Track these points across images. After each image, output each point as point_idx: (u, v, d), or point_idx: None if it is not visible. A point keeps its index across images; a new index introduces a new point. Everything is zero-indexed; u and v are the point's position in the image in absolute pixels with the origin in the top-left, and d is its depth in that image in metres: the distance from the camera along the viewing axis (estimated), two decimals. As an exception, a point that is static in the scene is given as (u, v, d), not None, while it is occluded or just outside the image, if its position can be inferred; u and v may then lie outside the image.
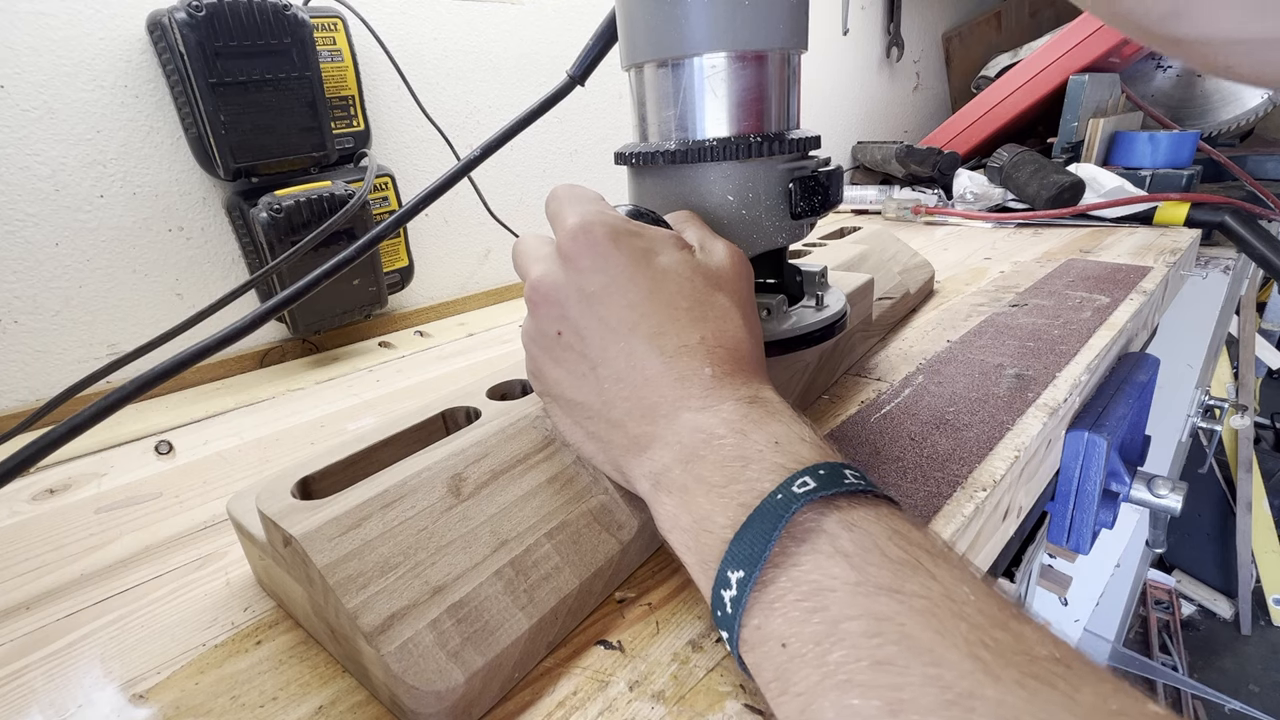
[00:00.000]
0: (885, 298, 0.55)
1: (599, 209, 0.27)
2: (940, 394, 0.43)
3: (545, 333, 0.27)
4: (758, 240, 0.34)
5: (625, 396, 0.25)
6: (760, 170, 0.33)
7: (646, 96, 0.34)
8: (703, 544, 0.22)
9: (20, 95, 0.46)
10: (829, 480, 0.20)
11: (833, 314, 0.37)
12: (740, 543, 0.20)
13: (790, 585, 0.19)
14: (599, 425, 0.27)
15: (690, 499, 0.23)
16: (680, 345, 0.25)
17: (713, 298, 0.27)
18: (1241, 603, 1.76)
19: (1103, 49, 0.99)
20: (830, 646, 0.17)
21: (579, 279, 0.26)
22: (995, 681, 0.15)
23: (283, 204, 0.52)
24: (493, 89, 0.73)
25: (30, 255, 0.48)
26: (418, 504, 0.25)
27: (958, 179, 1.01)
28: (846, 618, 0.17)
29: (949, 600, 0.17)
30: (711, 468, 0.22)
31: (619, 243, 0.26)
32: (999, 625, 0.17)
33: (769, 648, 0.19)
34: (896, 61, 1.37)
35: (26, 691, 0.26)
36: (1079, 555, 0.54)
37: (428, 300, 0.73)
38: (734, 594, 0.19)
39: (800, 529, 0.20)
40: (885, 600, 0.17)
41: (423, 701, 0.22)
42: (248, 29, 0.49)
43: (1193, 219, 0.83)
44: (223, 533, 0.35)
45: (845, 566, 0.18)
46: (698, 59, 0.31)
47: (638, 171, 0.36)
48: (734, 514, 0.21)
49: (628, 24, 0.33)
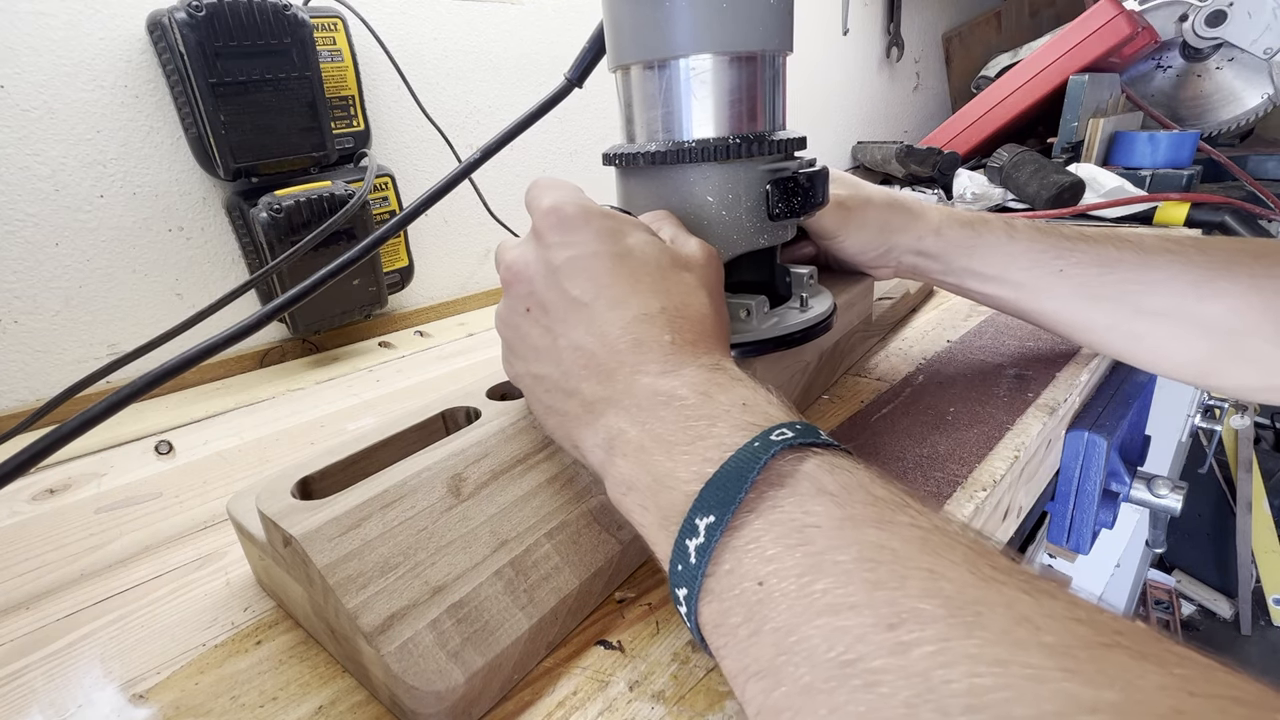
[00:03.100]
0: (885, 298, 0.55)
1: (575, 194, 0.28)
2: (940, 394, 0.43)
3: (515, 310, 0.28)
4: (738, 241, 0.34)
5: (583, 364, 0.25)
6: (740, 172, 0.33)
7: (632, 98, 0.34)
8: (663, 502, 0.20)
9: (20, 95, 0.46)
10: (807, 433, 0.20)
11: (815, 316, 0.36)
12: (711, 489, 0.19)
13: (767, 526, 0.18)
14: (556, 397, 0.26)
15: (648, 458, 0.21)
16: (640, 313, 0.25)
17: (678, 275, 0.27)
18: (1241, 603, 1.76)
19: (1103, 49, 0.99)
20: (815, 577, 0.16)
21: (547, 254, 0.26)
22: (1000, 590, 0.15)
23: (283, 204, 0.52)
24: (493, 89, 0.73)
25: (30, 255, 0.48)
26: (418, 504, 0.25)
27: (958, 179, 1.01)
28: (833, 549, 0.16)
29: (942, 532, 0.17)
30: (673, 427, 0.21)
31: (588, 220, 0.27)
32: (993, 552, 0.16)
33: (741, 590, 0.17)
34: (896, 61, 1.37)
35: (26, 691, 0.26)
36: (1079, 555, 0.54)
37: (428, 300, 0.73)
38: (701, 541, 0.18)
39: (778, 474, 0.19)
40: (875, 531, 0.16)
41: (423, 702, 0.22)
42: (248, 29, 0.49)
43: (1193, 219, 0.83)
44: (223, 533, 0.35)
45: (830, 504, 0.17)
46: (678, 61, 0.31)
47: (623, 172, 0.36)
48: (700, 468, 0.20)
49: (613, 26, 0.33)
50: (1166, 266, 0.36)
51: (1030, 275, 0.39)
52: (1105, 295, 0.37)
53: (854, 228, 0.42)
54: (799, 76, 1.15)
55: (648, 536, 0.22)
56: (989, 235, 0.40)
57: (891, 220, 0.42)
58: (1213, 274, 0.35)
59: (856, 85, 1.30)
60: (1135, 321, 0.37)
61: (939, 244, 0.42)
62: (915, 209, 0.42)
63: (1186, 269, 0.35)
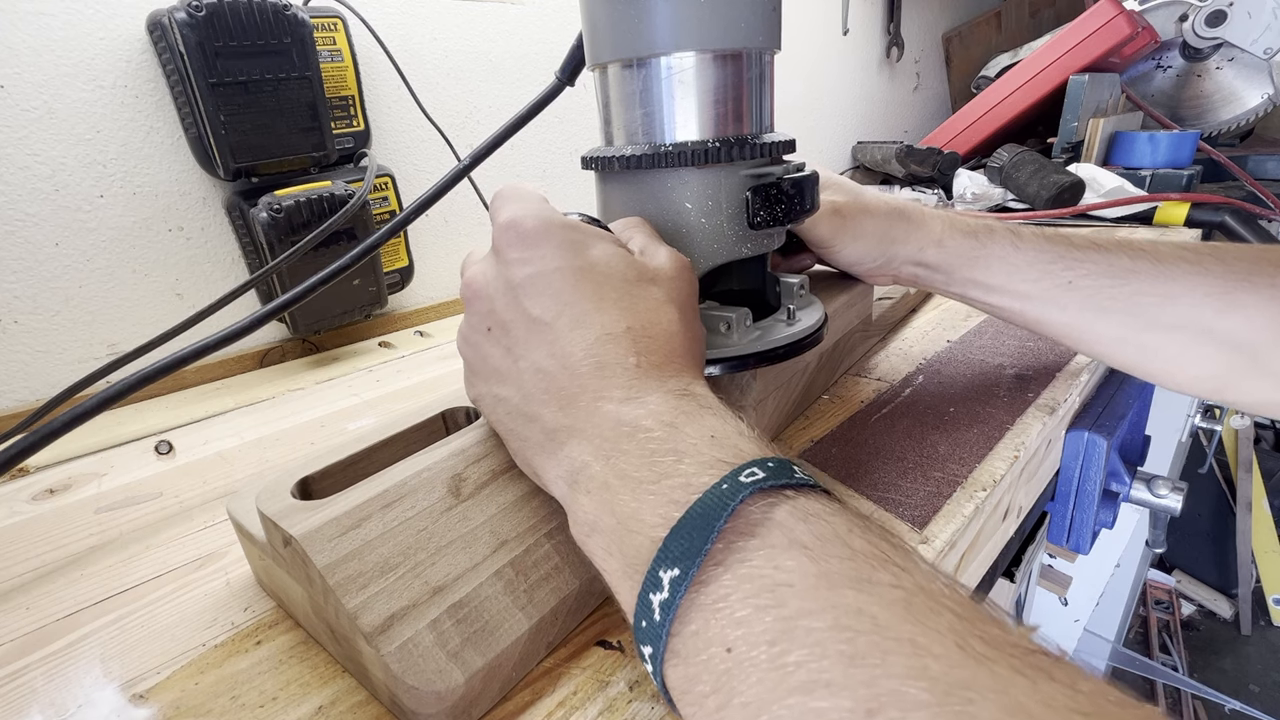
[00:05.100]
0: (885, 298, 0.55)
1: (536, 206, 0.27)
2: (940, 394, 0.43)
3: (476, 329, 0.27)
4: (719, 250, 0.32)
5: (544, 388, 0.24)
6: (719, 177, 0.31)
7: (610, 98, 0.32)
8: (628, 547, 0.19)
9: (20, 95, 0.46)
10: (779, 471, 0.18)
11: (800, 331, 0.34)
12: (676, 538, 0.17)
13: (736, 583, 0.16)
14: (517, 422, 0.25)
15: (612, 497, 0.20)
16: (604, 334, 0.23)
17: (645, 290, 0.25)
18: (1241, 603, 1.76)
19: (1103, 49, 0.99)
20: (788, 646, 0.14)
21: (506, 271, 0.25)
22: (991, 672, 0.13)
23: (283, 204, 0.52)
24: (493, 89, 0.73)
25: (30, 255, 0.48)
26: (418, 504, 0.25)
27: (958, 179, 1.01)
28: (807, 614, 0.15)
29: (925, 593, 0.15)
30: (637, 463, 0.20)
31: (549, 234, 0.25)
32: (983, 618, 0.15)
33: (708, 655, 0.16)
34: (896, 61, 1.37)
35: (26, 691, 0.26)
36: (1079, 555, 0.54)
37: (428, 300, 0.73)
38: (665, 597, 0.17)
39: (747, 522, 0.17)
40: (853, 593, 0.15)
41: (423, 702, 0.22)
42: (248, 29, 0.49)
43: (1193, 219, 0.83)
44: (223, 533, 0.35)
45: (804, 559, 0.16)
46: (658, 59, 0.30)
47: (600, 177, 0.34)
48: (666, 511, 0.18)
49: (589, 22, 0.32)
50: (1183, 278, 0.34)
51: (1037, 287, 0.38)
52: (1116, 308, 0.36)
53: (850, 237, 0.40)
54: (799, 76, 1.15)
55: (611, 584, 0.20)
56: (994, 245, 0.39)
57: (891, 230, 0.40)
58: (1232, 285, 0.33)
59: (856, 85, 1.30)
60: (1148, 334, 0.35)
61: (941, 255, 0.40)
62: (916, 218, 0.41)
63: (1204, 279, 0.34)
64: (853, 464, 0.36)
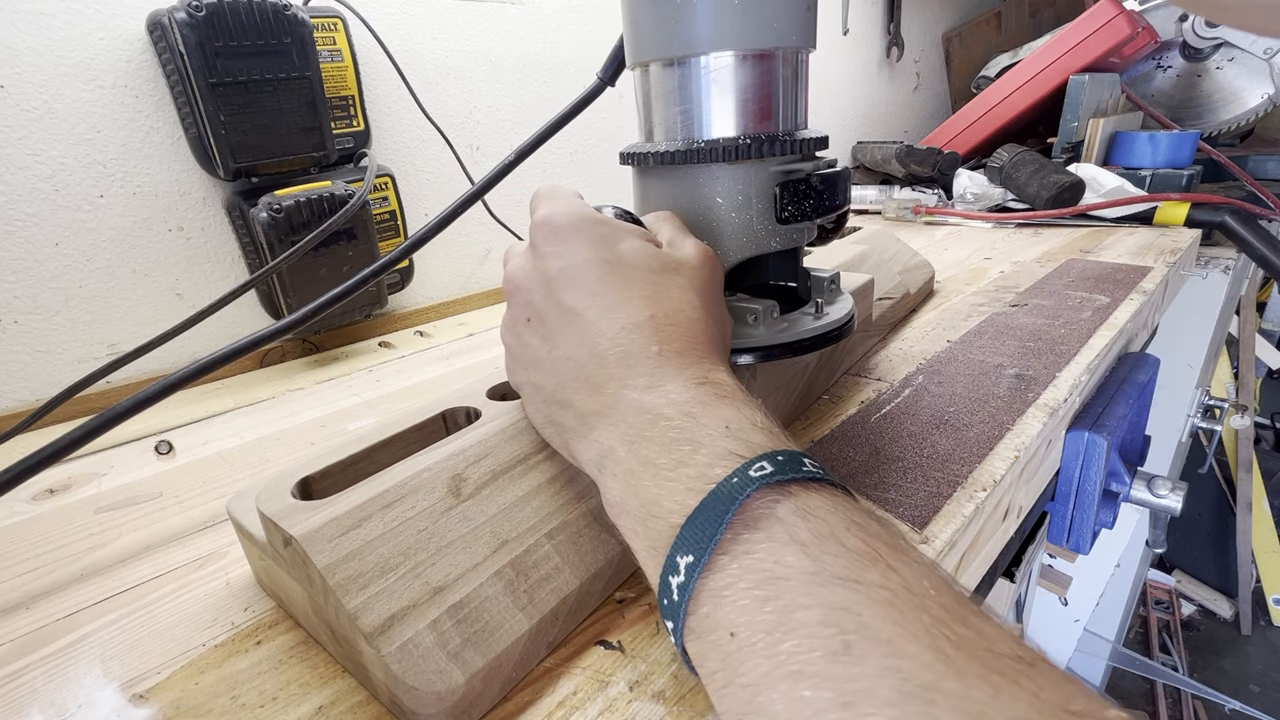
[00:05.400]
0: (885, 298, 0.55)
1: (569, 204, 0.28)
2: (940, 394, 0.43)
3: (517, 320, 0.28)
4: (749, 244, 0.34)
5: (574, 376, 0.25)
6: (750, 173, 0.32)
7: (650, 95, 0.34)
8: (651, 530, 0.21)
9: (20, 95, 0.46)
10: (787, 466, 0.20)
11: (827, 324, 0.35)
12: (691, 527, 0.19)
13: (741, 573, 0.18)
14: (553, 408, 0.27)
15: (637, 483, 0.22)
16: (629, 323, 0.25)
17: (669, 279, 0.27)
18: (1241, 603, 1.76)
19: (1103, 49, 0.99)
20: (782, 636, 0.16)
21: (542, 265, 0.27)
22: (959, 676, 0.14)
23: (283, 204, 0.52)
24: (493, 89, 0.73)
25: (30, 255, 0.48)
26: (418, 504, 0.25)
27: (958, 179, 1.01)
28: (800, 607, 0.17)
29: (909, 593, 0.17)
30: (658, 450, 0.22)
31: (580, 229, 0.27)
32: (961, 621, 0.16)
33: (716, 637, 0.18)
34: (896, 61, 1.37)
35: (26, 691, 0.26)
36: (1079, 555, 0.54)
37: (428, 300, 0.73)
38: (681, 580, 0.19)
39: (753, 515, 0.19)
40: (842, 590, 0.17)
41: (423, 702, 0.22)
42: (248, 29, 0.49)
43: (1193, 219, 0.83)
44: (223, 533, 0.35)
45: (801, 555, 0.18)
46: (696, 59, 0.31)
47: (638, 172, 0.36)
48: (683, 499, 0.20)
49: (631, 23, 0.33)
50: None
51: None
52: None
53: None
54: (799, 76, 1.15)
55: (640, 560, 0.22)
56: None
57: None
58: None
59: (856, 85, 1.30)
60: None
61: None
62: None
63: None
64: (853, 464, 0.36)
